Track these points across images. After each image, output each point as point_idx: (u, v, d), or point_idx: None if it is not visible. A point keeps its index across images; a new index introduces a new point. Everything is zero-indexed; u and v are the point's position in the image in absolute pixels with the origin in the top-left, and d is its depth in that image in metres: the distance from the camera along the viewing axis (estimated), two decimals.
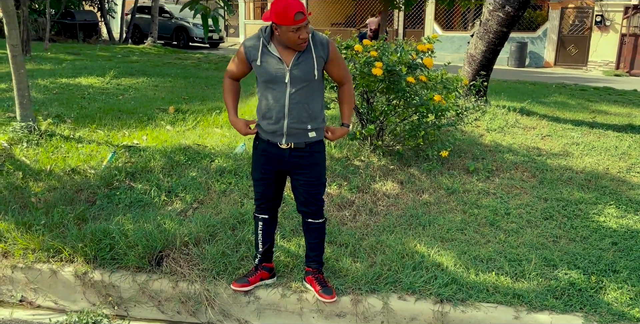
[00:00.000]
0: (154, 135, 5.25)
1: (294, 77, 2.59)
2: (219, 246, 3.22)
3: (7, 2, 4.37)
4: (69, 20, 18.18)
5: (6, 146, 4.82)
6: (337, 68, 2.72)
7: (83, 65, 9.87)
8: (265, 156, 2.75)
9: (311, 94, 2.65)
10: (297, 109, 2.62)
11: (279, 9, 2.45)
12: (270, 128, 2.68)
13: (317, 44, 2.61)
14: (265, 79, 2.63)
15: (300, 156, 2.71)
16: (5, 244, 3.21)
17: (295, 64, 2.58)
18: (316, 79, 2.62)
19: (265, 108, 2.67)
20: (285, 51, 2.60)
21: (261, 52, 2.61)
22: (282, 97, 2.61)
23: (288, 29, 2.48)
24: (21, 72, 4.62)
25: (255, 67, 2.65)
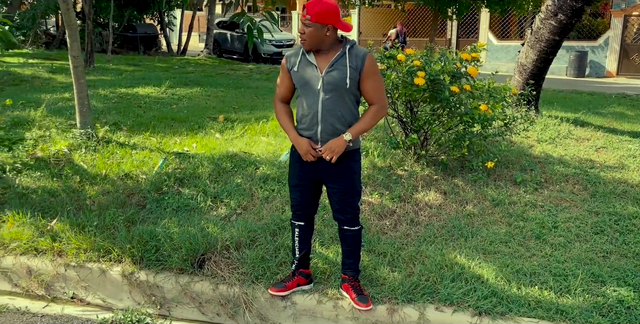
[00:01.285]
0: (204, 142, 5.42)
1: (326, 83, 2.64)
2: (259, 251, 3.29)
3: (69, 16, 4.67)
4: (130, 33, 19.08)
5: (67, 152, 5.11)
6: (368, 85, 2.66)
7: (141, 76, 10.33)
8: (301, 163, 2.79)
9: (344, 101, 2.68)
10: (330, 116, 2.67)
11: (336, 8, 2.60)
12: (305, 134, 2.73)
13: (352, 54, 2.65)
14: (300, 85, 2.71)
15: (335, 164, 2.73)
16: (60, 244, 3.41)
17: (329, 71, 2.64)
18: (348, 87, 2.64)
19: (300, 114, 2.75)
20: (321, 58, 2.67)
21: (300, 59, 2.70)
22: (315, 103, 2.66)
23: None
24: (81, 82, 4.90)
25: (293, 74, 2.73)
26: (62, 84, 8.84)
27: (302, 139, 2.75)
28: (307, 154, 2.72)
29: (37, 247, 3.40)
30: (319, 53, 2.68)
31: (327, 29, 2.58)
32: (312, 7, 2.55)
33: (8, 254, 3.40)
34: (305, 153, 2.73)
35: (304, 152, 2.73)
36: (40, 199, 4.13)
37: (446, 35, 20.56)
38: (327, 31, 2.58)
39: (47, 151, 5.11)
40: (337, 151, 2.67)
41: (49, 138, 5.52)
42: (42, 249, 3.39)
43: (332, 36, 2.61)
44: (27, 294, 3.33)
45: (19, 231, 3.52)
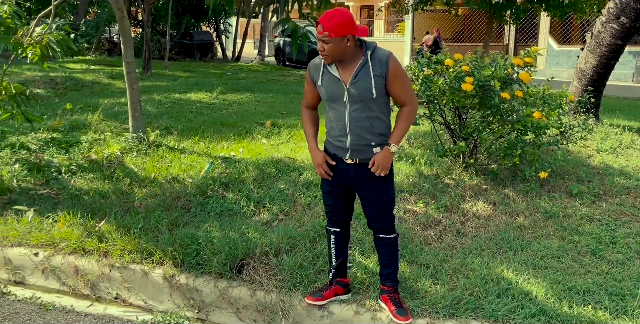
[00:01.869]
0: (250, 148, 5.47)
1: (352, 95, 2.57)
2: (297, 258, 3.25)
3: (123, 23, 4.83)
4: (187, 41, 19.67)
5: (119, 155, 5.28)
6: (397, 87, 2.58)
7: (195, 82, 10.59)
8: (333, 169, 2.74)
9: (372, 111, 2.59)
10: (359, 127, 2.60)
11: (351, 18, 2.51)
12: (336, 144, 2.70)
13: (375, 61, 2.54)
14: (326, 98, 2.66)
15: (366, 171, 2.67)
16: (106, 245, 3.49)
17: (353, 82, 2.55)
18: (374, 97, 2.55)
19: (329, 126, 2.70)
20: (344, 70, 2.58)
21: (322, 72, 2.62)
22: (342, 115, 2.61)
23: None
24: (134, 87, 5.06)
25: (317, 87, 2.68)
26: (120, 90, 9.19)
27: (318, 152, 2.74)
28: (319, 168, 2.71)
29: (85, 247, 3.51)
30: (340, 64, 2.59)
31: (347, 40, 2.47)
32: (328, 22, 2.44)
33: (57, 253, 3.52)
34: (317, 166, 2.72)
35: (316, 165, 2.73)
36: (91, 200, 4.27)
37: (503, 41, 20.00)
38: (348, 42, 2.48)
39: (100, 154, 5.30)
40: (386, 165, 2.62)
41: (104, 141, 5.73)
42: (89, 250, 3.49)
43: (352, 45, 2.51)
44: (74, 293, 3.43)
45: (68, 231, 3.64)
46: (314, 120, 2.85)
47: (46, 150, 5.51)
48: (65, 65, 12.55)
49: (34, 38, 4.69)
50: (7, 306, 3.17)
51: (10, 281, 3.58)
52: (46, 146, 5.60)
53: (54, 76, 10.26)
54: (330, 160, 2.71)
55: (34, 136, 5.89)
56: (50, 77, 10.07)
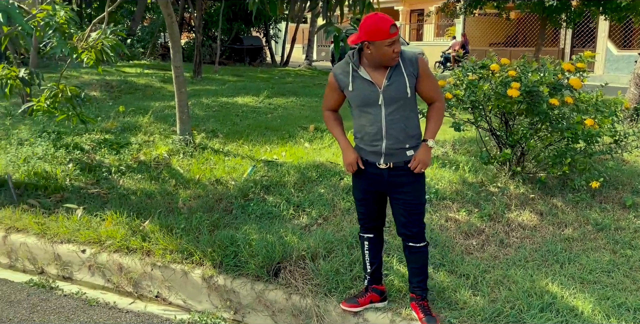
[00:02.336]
0: (292, 151, 5.50)
1: (387, 98, 2.55)
2: (334, 264, 3.23)
3: (173, 29, 4.97)
4: (237, 46, 20.05)
5: (166, 156, 5.43)
6: (427, 86, 2.63)
7: (242, 86, 10.78)
8: (365, 176, 2.72)
9: (407, 112, 2.60)
10: (395, 130, 2.58)
11: (371, 25, 2.43)
12: (368, 149, 2.66)
13: (406, 61, 2.56)
14: (359, 104, 2.61)
15: (399, 175, 2.65)
16: (149, 244, 3.59)
17: (388, 84, 2.54)
18: (409, 97, 2.57)
19: (362, 132, 2.66)
20: (375, 73, 2.56)
21: (352, 77, 2.59)
22: (378, 119, 2.58)
23: (383, 44, 2.44)
24: (182, 91, 5.19)
25: (347, 93, 2.64)
26: (171, 93, 9.43)
27: (352, 151, 2.71)
28: (349, 166, 2.70)
29: (129, 245, 3.61)
30: (371, 68, 2.57)
31: None
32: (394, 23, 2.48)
33: (103, 251, 3.65)
34: (348, 165, 2.70)
35: (347, 163, 2.71)
36: (138, 200, 4.40)
37: (559, 45, 19.33)
38: None
39: (149, 155, 5.46)
40: (427, 162, 2.63)
41: (152, 143, 5.90)
42: (133, 248, 3.60)
43: None
44: (117, 289, 3.54)
45: (114, 230, 3.77)
46: (339, 120, 2.85)
47: (98, 151, 5.73)
48: (121, 69, 13.05)
49: (89, 43, 4.90)
50: (54, 300, 3.30)
51: (59, 276, 3.73)
52: (99, 147, 5.83)
53: (110, 80, 10.67)
54: (361, 164, 2.69)
55: (88, 137, 6.14)
56: (106, 81, 10.48)
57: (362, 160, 2.71)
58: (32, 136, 6.09)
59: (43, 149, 5.63)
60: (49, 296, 3.35)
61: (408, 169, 2.64)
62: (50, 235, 3.87)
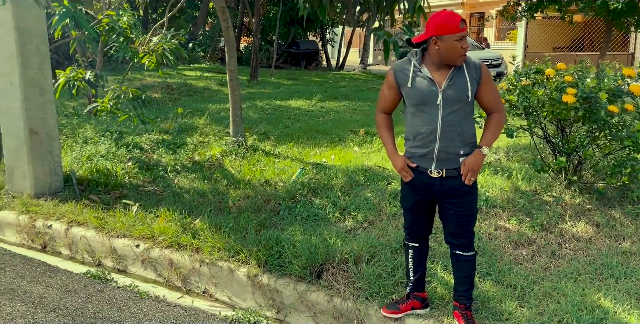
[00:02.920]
0: (341, 155, 5.53)
1: (447, 98, 2.50)
2: (377, 268, 3.23)
3: (228, 34, 5.12)
4: (294, 49, 20.35)
5: (219, 157, 5.59)
6: (489, 94, 2.56)
7: (297, 90, 10.92)
8: (415, 185, 2.67)
9: (464, 116, 2.54)
10: (450, 132, 2.52)
11: (440, 20, 2.43)
12: (420, 152, 2.59)
13: (470, 65, 2.52)
14: (416, 102, 2.57)
15: (453, 184, 2.58)
16: (199, 241, 3.71)
17: (449, 84, 2.50)
18: (469, 100, 2.52)
19: (415, 132, 2.60)
20: (438, 72, 2.53)
21: (412, 74, 2.56)
22: (434, 119, 2.53)
23: (452, 38, 2.41)
24: (236, 94, 5.33)
25: (405, 91, 2.60)
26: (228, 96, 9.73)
27: (398, 156, 2.67)
28: (402, 171, 2.65)
29: (180, 242, 3.75)
30: (434, 67, 2.54)
31: None
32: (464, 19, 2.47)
33: (156, 246, 3.80)
34: (400, 170, 2.66)
35: (399, 169, 2.66)
36: (191, 199, 4.56)
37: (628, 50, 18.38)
38: None
39: (203, 156, 5.65)
40: (477, 169, 2.56)
41: (207, 144, 6.09)
42: (183, 245, 3.72)
43: None
44: (167, 284, 3.67)
45: (167, 226, 3.91)
46: (390, 125, 2.80)
47: (156, 150, 5.98)
48: (182, 72, 13.54)
49: (150, 47, 5.13)
50: (109, 291, 3.47)
51: (115, 268, 3.92)
52: (157, 147, 6.08)
53: (171, 82, 11.09)
54: (410, 162, 2.65)
55: (147, 136, 6.42)
56: (167, 83, 10.91)
57: (413, 169, 2.64)
58: (96, 135, 6.43)
59: (105, 147, 5.94)
60: (104, 287, 3.53)
61: (461, 179, 2.57)
62: (108, 229, 4.07)
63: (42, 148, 4.83)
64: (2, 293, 3.41)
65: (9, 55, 4.50)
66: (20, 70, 4.51)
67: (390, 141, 2.75)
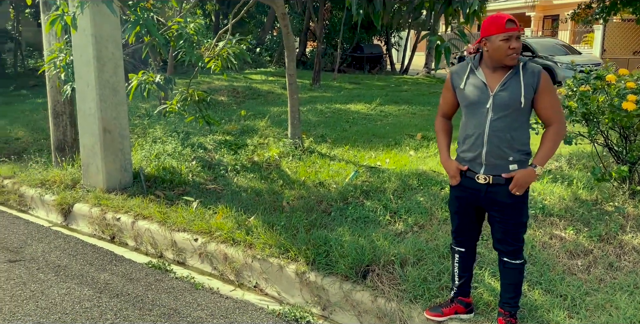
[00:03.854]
0: (396, 159, 5.55)
1: (497, 103, 2.48)
2: (422, 271, 3.25)
3: (289, 39, 5.29)
4: (358, 54, 20.44)
5: (277, 158, 5.77)
6: (546, 103, 2.48)
7: (357, 94, 11.00)
8: (462, 189, 2.67)
9: (515, 123, 2.49)
10: (498, 137, 2.49)
11: (487, 21, 2.46)
12: (468, 155, 2.59)
13: (527, 71, 2.47)
14: (466, 104, 2.58)
15: (498, 192, 2.55)
16: (252, 238, 3.87)
17: (501, 89, 2.48)
18: (522, 107, 2.46)
19: (465, 135, 2.61)
20: (493, 76, 2.52)
21: (467, 76, 2.58)
22: (482, 123, 2.52)
23: (498, 38, 2.41)
24: (294, 97, 5.49)
25: (458, 92, 2.61)
26: None
27: (451, 162, 2.67)
28: (453, 179, 2.67)
29: (234, 238, 3.92)
30: (489, 70, 2.54)
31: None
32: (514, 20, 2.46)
33: (212, 240, 4.00)
34: (452, 177, 2.67)
35: (451, 176, 2.68)
36: (247, 197, 4.75)
37: None
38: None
39: (261, 157, 5.85)
40: (525, 185, 2.51)
41: (266, 145, 6.30)
42: (238, 240, 3.90)
43: None
44: (221, 277, 3.86)
45: (223, 223, 4.11)
46: (448, 130, 2.82)
47: (219, 150, 6.25)
48: (248, 76, 13.98)
49: (215, 52, 5.39)
50: (167, 281, 3.70)
51: (174, 260, 4.16)
52: (219, 147, 6.35)
53: (237, 86, 11.49)
54: (461, 166, 2.65)
55: (211, 137, 6.72)
56: (233, 87, 11.31)
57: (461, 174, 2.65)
58: (165, 135, 6.81)
59: (172, 146, 6.28)
60: (163, 277, 3.76)
61: (507, 187, 2.54)
62: (170, 223, 4.32)
63: (114, 146, 5.19)
64: (73, 278, 3.72)
65: (87, 60, 4.89)
66: (96, 73, 4.88)
67: (445, 145, 2.77)
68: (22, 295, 3.43)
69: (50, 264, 3.96)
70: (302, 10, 17.78)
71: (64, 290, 3.51)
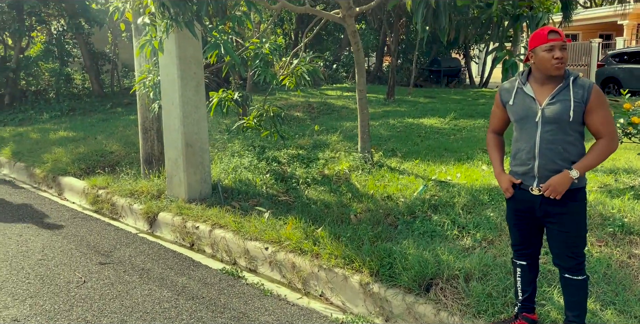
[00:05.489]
0: (468, 173, 5.49)
1: (546, 116, 2.50)
2: (487, 287, 3.21)
3: (359, 55, 5.43)
4: (435, 68, 20.24)
5: (346, 172, 5.89)
6: (596, 118, 2.47)
7: (432, 108, 10.92)
8: (517, 202, 2.67)
9: (567, 136, 2.50)
10: (550, 151, 2.51)
11: (532, 35, 2.51)
12: (521, 169, 2.62)
13: (577, 85, 2.48)
14: (516, 119, 2.61)
15: (554, 204, 2.54)
16: (318, 248, 4.00)
17: (550, 103, 2.50)
18: (571, 120, 2.46)
19: (516, 149, 2.65)
20: (541, 89, 2.55)
21: (515, 92, 2.62)
22: (532, 137, 2.54)
23: (541, 49, 2.46)
24: (364, 112, 5.60)
25: (508, 108, 2.66)
26: None
27: (504, 175, 2.70)
28: (507, 192, 2.69)
29: (302, 247, 4.07)
30: (538, 84, 2.57)
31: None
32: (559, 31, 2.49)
33: (281, 250, 4.17)
34: (505, 190, 2.70)
35: (504, 189, 2.70)
36: (316, 209, 4.90)
37: None
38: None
39: (332, 170, 5.99)
40: (559, 189, 2.49)
41: (337, 159, 6.45)
42: (305, 250, 4.04)
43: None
44: (289, 285, 4.01)
45: (292, 233, 4.28)
46: (500, 145, 2.87)
47: (292, 164, 6.47)
48: (325, 92, 14.29)
49: (290, 69, 5.64)
50: (238, 287, 3.90)
51: (247, 268, 4.37)
52: (292, 161, 6.58)
53: (312, 101, 11.80)
54: (515, 179, 2.67)
55: (285, 151, 6.97)
56: (309, 103, 11.62)
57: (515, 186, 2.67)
58: (242, 149, 7.15)
59: (249, 160, 6.59)
60: (235, 283, 3.98)
61: (564, 198, 2.53)
62: (243, 232, 4.55)
63: (195, 159, 5.55)
64: (154, 280, 4.02)
65: (172, 80, 5.30)
66: (180, 91, 5.28)
67: (497, 159, 2.82)
68: (109, 294, 3.77)
69: (135, 267, 4.30)
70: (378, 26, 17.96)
71: (146, 291, 3.81)
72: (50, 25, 15.43)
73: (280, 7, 5.17)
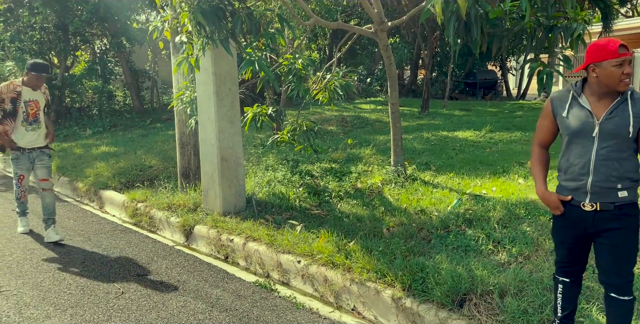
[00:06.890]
0: (503, 187, 5.40)
1: (604, 131, 2.42)
2: (523, 303, 3.14)
3: (391, 69, 5.46)
4: (470, 80, 20.05)
5: (379, 185, 5.88)
6: None
7: (467, 120, 10.81)
8: (566, 218, 2.59)
9: (623, 152, 2.42)
10: (605, 167, 2.42)
11: (598, 46, 2.40)
12: (572, 185, 2.53)
13: (636, 100, 2.40)
14: (570, 133, 2.52)
15: (607, 219, 2.45)
16: (350, 261, 3.99)
17: (608, 117, 2.41)
18: (630, 136, 2.39)
19: (567, 164, 2.55)
20: (598, 103, 2.46)
21: (569, 104, 2.53)
22: (588, 152, 2.45)
23: (610, 64, 2.37)
24: (397, 125, 5.60)
25: (560, 120, 2.56)
26: None
27: (550, 194, 2.61)
28: (556, 210, 2.61)
29: (334, 261, 4.08)
30: (594, 98, 2.49)
31: None
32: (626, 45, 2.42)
33: (314, 263, 4.19)
34: (555, 209, 2.61)
35: (553, 207, 2.61)
36: (349, 222, 4.91)
37: None
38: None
39: (365, 184, 6.00)
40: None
41: (370, 173, 6.45)
42: (337, 264, 4.05)
43: None
44: (321, 298, 4.01)
45: (325, 246, 4.29)
46: (545, 161, 2.78)
47: (325, 177, 6.51)
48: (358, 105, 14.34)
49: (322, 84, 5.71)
50: (271, 299, 3.93)
51: (279, 281, 4.40)
52: (325, 174, 6.62)
53: (346, 115, 11.86)
54: (564, 197, 2.58)
55: (318, 165, 7.02)
56: (342, 116, 11.69)
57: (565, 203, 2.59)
58: (276, 163, 7.24)
59: (282, 174, 6.66)
60: (267, 295, 4.01)
61: (618, 213, 2.45)
62: (276, 245, 4.59)
63: (230, 173, 5.66)
64: (190, 292, 4.10)
65: (208, 96, 5.44)
66: (216, 107, 5.41)
67: (542, 176, 2.72)
68: (146, 305, 3.86)
69: (171, 279, 4.39)
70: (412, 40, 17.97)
71: (182, 303, 3.89)
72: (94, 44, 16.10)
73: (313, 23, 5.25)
